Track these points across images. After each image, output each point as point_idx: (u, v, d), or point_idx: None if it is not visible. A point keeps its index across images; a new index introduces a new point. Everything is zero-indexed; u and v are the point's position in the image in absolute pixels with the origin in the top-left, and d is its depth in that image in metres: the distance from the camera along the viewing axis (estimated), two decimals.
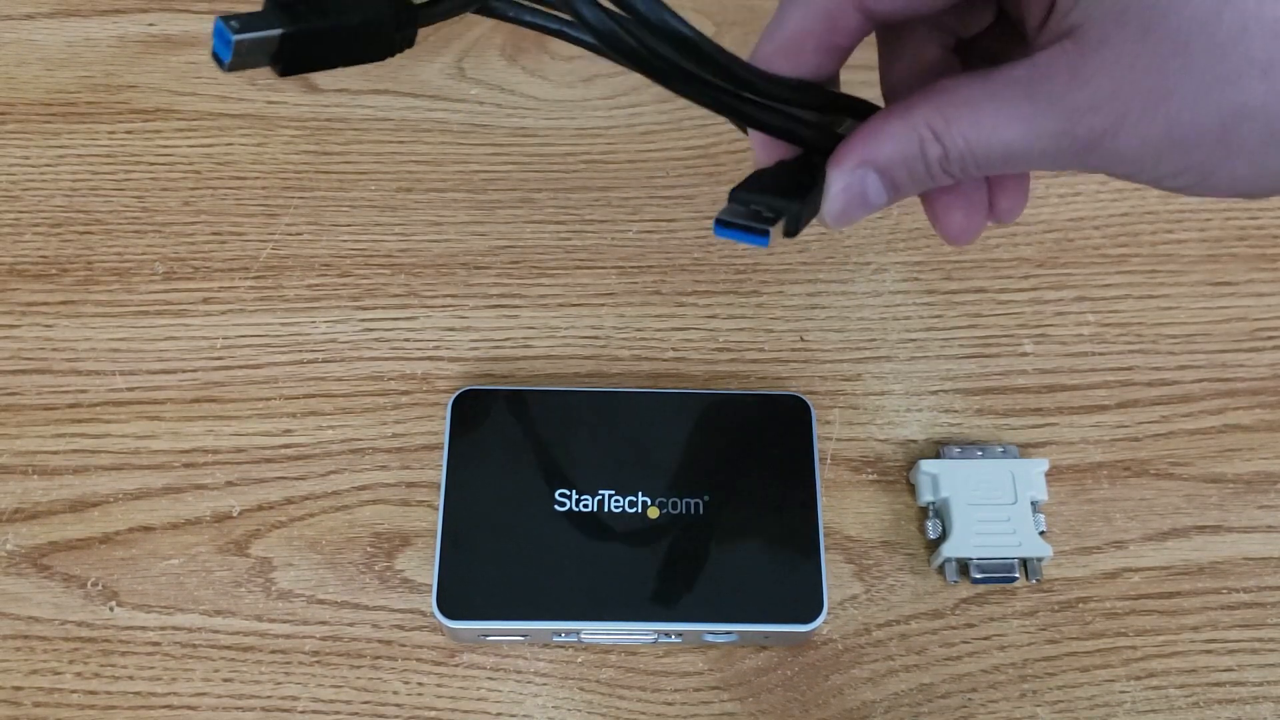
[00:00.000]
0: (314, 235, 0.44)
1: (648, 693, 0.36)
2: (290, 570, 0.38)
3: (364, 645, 0.37)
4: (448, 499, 0.37)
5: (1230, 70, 0.21)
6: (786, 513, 0.37)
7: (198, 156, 0.46)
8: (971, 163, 0.23)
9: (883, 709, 0.36)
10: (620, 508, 0.37)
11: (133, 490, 0.39)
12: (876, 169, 0.24)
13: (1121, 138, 0.22)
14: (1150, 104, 0.21)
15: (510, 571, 0.36)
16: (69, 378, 0.41)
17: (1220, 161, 0.22)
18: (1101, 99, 0.22)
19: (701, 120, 0.48)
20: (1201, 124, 0.21)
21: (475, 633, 0.35)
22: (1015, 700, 0.36)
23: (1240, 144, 0.21)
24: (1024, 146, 0.23)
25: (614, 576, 0.36)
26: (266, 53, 0.21)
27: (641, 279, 0.43)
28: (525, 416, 0.38)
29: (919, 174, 0.24)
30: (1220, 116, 0.21)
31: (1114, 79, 0.22)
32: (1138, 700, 0.36)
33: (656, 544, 0.36)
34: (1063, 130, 0.22)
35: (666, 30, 0.22)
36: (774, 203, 0.24)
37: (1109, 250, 0.44)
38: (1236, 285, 0.44)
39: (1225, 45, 0.21)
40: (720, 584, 0.36)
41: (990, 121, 0.23)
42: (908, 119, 0.24)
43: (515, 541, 0.36)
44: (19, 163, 0.46)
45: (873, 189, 0.25)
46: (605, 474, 0.37)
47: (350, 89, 0.48)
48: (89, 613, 0.37)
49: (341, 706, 0.36)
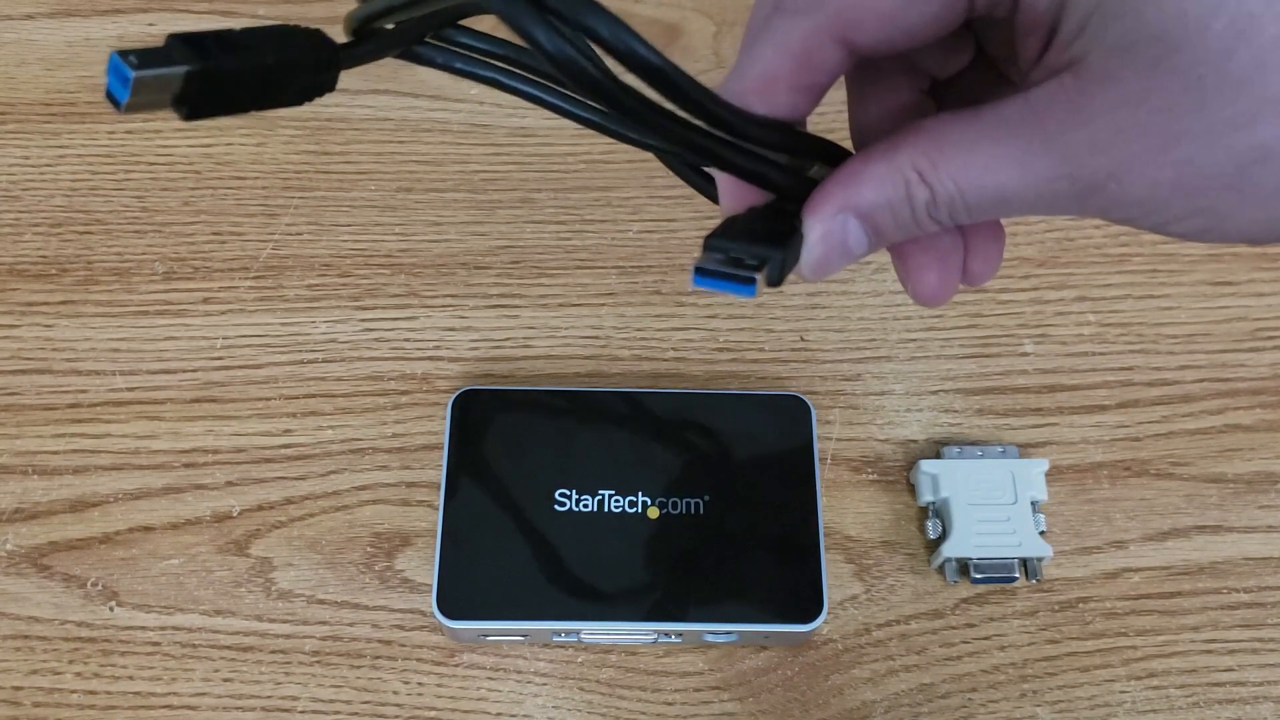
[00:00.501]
0: (314, 235, 0.44)
1: (648, 693, 0.36)
2: (290, 570, 0.38)
3: (364, 645, 0.37)
4: (448, 499, 0.37)
5: (1246, 110, 0.19)
6: (786, 512, 0.37)
7: (197, 156, 0.46)
8: (961, 208, 0.22)
9: (883, 709, 0.36)
10: (620, 508, 0.37)
11: (133, 490, 0.39)
12: (858, 215, 0.23)
13: (1126, 181, 0.20)
14: (1159, 146, 0.20)
15: (510, 571, 0.36)
16: (69, 378, 0.41)
17: (1233, 207, 0.21)
18: (1105, 139, 0.20)
19: None
20: (1214, 167, 0.20)
21: (475, 632, 0.35)
22: (1015, 700, 0.36)
23: (1255, 188, 0.20)
24: (1018, 190, 0.21)
25: (614, 576, 0.36)
26: (169, 92, 0.19)
27: (641, 279, 0.43)
28: (526, 416, 0.38)
29: (904, 220, 0.23)
30: (1235, 159, 0.20)
31: (1119, 117, 0.20)
32: (1138, 700, 0.36)
33: (656, 544, 0.36)
34: (1061, 173, 0.21)
35: (634, 58, 0.19)
36: (755, 250, 0.22)
37: (1110, 250, 0.44)
38: (1237, 285, 0.43)
39: (1241, 83, 0.19)
40: (720, 584, 0.36)
41: (981, 163, 0.21)
42: (891, 161, 0.22)
43: (515, 541, 0.36)
44: (19, 163, 0.46)
45: (854, 237, 0.23)
46: (605, 474, 0.37)
47: (350, 89, 0.48)
48: (89, 613, 0.37)
49: (341, 706, 0.36)
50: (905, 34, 0.22)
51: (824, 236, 0.23)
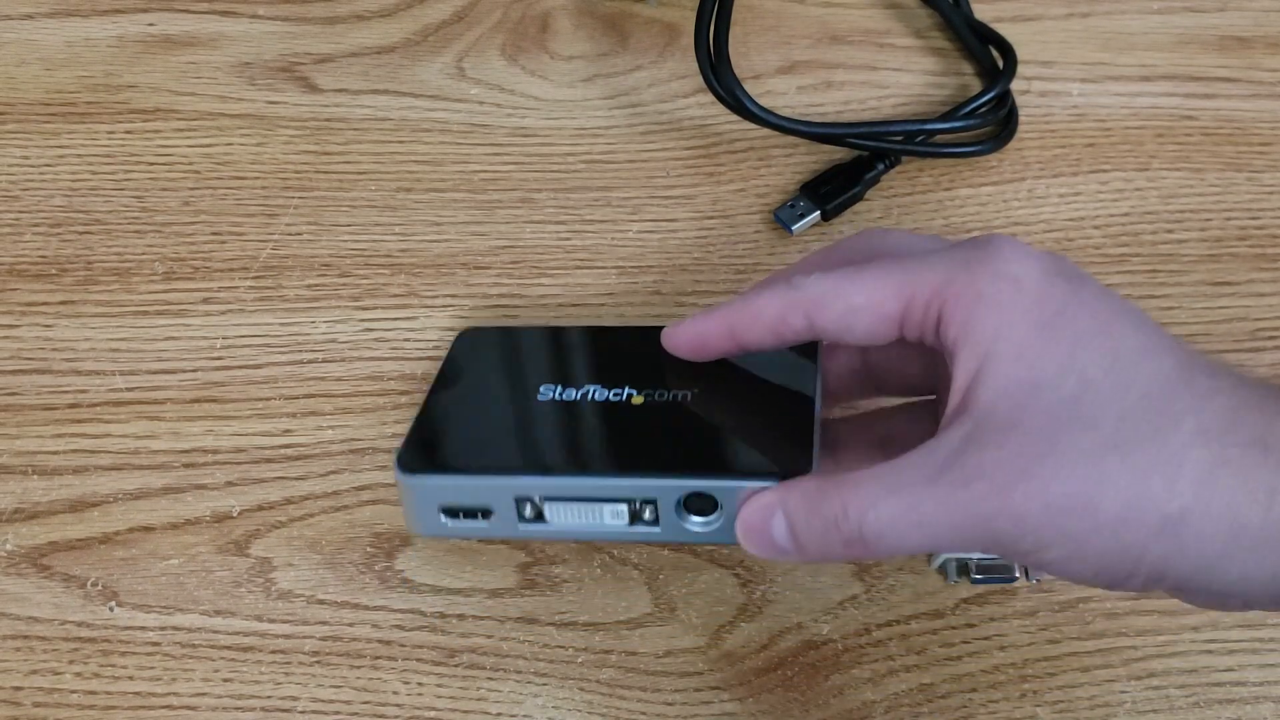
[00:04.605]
0: (314, 235, 0.44)
1: (648, 693, 0.36)
2: (290, 570, 0.38)
3: (364, 645, 0.37)
4: (430, 394, 0.36)
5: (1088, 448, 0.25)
6: (781, 391, 0.34)
7: (197, 156, 0.46)
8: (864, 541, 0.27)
9: (883, 709, 0.36)
10: (604, 398, 0.35)
11: (132, 490, 0.39)
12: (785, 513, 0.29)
13: (1010, 503, 0.25)
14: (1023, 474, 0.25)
15: (479, 439, 0.34)
16: (69, 378, 0.41)
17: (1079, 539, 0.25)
18: (980, 485, 0.26)
19: (701, 120, 0.48)
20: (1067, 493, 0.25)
21: (435, 505, 0.32)
22: (1015, 700, 0.36)
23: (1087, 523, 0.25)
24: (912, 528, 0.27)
25: (587, 446, 0.34)
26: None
27: (641, 279, 0.43)
28: (522, 345, 0.38)
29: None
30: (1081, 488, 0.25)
31: (995, 455, 0.26)
32: (1138, 700, 0.36)
33: (637, 421, 0.34)
34: (956, 520, 0.26)
35: None
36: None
37: (1109, 250, 0.44)
38: (1237, 285, 0.44)
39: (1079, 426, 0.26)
40: (703, 447, 0.33)
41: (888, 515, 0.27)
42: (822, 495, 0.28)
43: (491, 418, 0.35)
44: (18, 162, 0.46)
45: (778, 528, 0.29)
46: (590, 373, 0.36)
47: (350, 89, 0.48)
48: (89, 613, 0.37)
49: (341, 707, 0.36)
50: (851, 332, 0.30)
51: (754, 511, 0.30)
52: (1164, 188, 0.46)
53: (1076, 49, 0.50)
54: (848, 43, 0.51)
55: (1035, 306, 0.27)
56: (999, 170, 0.47)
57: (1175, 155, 0.47)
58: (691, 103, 0.48)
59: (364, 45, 0.50)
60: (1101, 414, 0.25)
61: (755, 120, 0.44)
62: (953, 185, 0.46)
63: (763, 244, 0.45)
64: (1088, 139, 0.48)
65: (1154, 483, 0.25)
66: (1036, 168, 0.47)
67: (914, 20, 0.52)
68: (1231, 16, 0.51)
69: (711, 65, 0.44)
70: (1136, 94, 0.49)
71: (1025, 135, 0.47)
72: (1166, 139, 0.48)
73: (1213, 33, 0.51)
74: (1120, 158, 0.47)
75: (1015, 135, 0.47)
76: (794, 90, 0.49)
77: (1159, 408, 0.25)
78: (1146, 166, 0.47)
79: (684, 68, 0.49)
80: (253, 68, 0.49)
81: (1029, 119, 0.48)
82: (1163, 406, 0.25)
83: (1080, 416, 0.25)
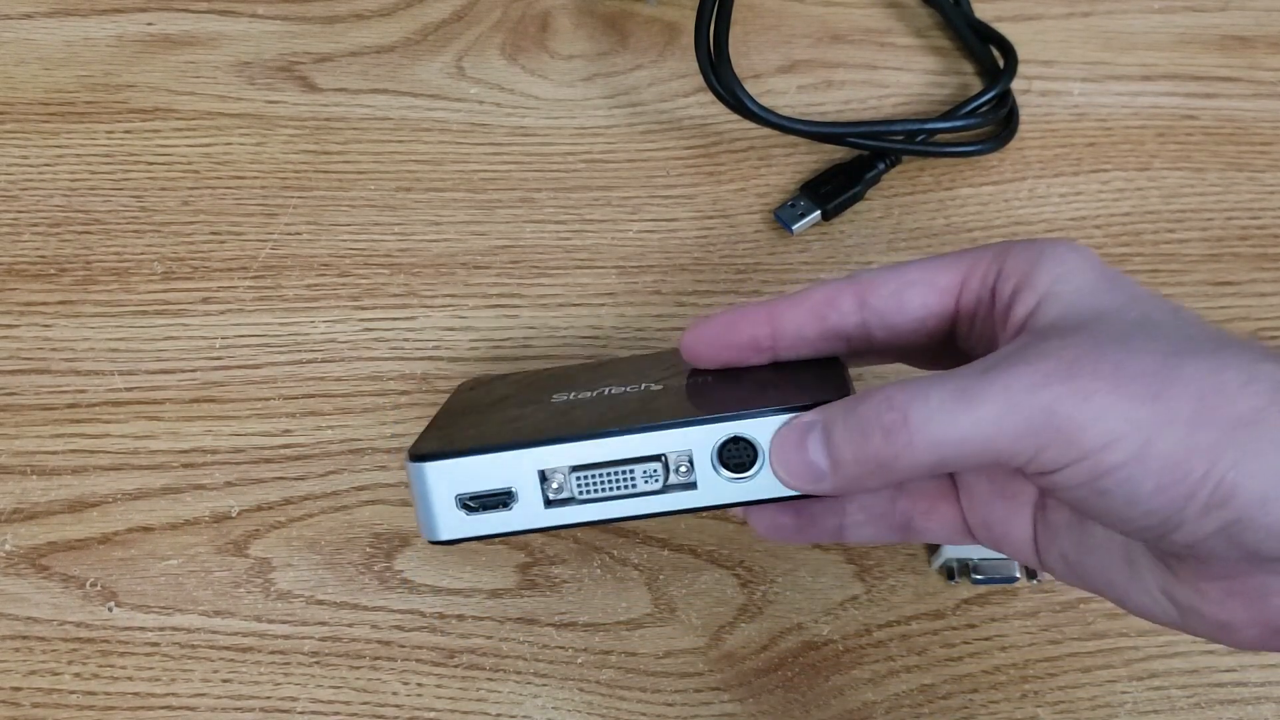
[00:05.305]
0: (313, 235, 0.44)
1: (648, 693, 0.36)
2: (289, 571, 0.38)
3: (363, 646, 0.37)
4: (446, 406, 0.34)
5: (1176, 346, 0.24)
6: (809, 363, 0.32)
7: (196, 156, 0.46)
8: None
9: (883, 710, 0.36)
10: (622, 390, 0.32)
11: (131, 490, 0.39)
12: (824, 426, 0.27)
13: (1078, 383, 0.24)
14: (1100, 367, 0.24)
15: (495, 426, 0.31)
16: (67, 378, 0.41)
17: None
18: (1054, 372, 0.24)
19: (701, 120, 0.48)
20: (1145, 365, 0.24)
21: (451, 493, 0.29)
22: (1016, 701, 0.36)
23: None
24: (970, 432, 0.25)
25: (610, 412, 0.30)
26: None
27: (641, 279, 0.43)
28: (527, 377, 0.36)
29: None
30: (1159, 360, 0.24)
31: (1060, 343, 0.25)
32: (1139, 701, 0.36)
33: (661, 395, 0.31)
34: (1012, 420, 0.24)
35: None
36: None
37: (1111, 250, 0.44)
38: (1239, 285, 0.43)
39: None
40: (735, 399, 0.30)
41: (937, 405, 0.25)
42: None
43: (508, 415, 0.32)
44: (17, 162, 0.46)
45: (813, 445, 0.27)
46: (608, 380, 0.33)
47: (349, 88, 0.48)
48: (88, 613, 0.37)
49: (341, 707, 0.36)
50: (902, 311, 0.29)
51: (793, 428, 0.28)
52: (1165, 187, 0.46)
53: (1077, 48, 0.50)
54: (848, 42, 0.51)
55: (1095, 267, 0.27)
56: (1000, 170, 0.47)
57: (1176, 155, 0.47)
58: (691, 102, 0.48)
59: (363, 45, 0.50)
60: (1171, 334, 0.25)
61: (755, 120, 0.44)
62: (953, 185, 0.46)
63: (763, 243, 0.44)
64: (1089, 138, 0.47)
65: (1229, 377, 0.23)
66: (1037, 167, 0.47)
67: (914, 19, 0.52)
68: (1233, 16, 0.51)
69: (712, 64, 0.44)
70: (1137, 93, 0.49)
71: (1026, 135, 0.47)
72: (1168, 138, 0.47)
73: (1214, 32, 0.51)
74: (1121, 157, 0.47)
75: (1016, 135, 0.47)
76: (794, 89, 0.49)
77: (1227, 338, 0.25)
78: (1148, 166, 0.47)
79: (684, 67, 0.49)
80: (252, 67, 0.49)
81: (1030, 118, 0.48)
82: (1230, 339, 0.25)
83: (1148, 330, 0.25)
